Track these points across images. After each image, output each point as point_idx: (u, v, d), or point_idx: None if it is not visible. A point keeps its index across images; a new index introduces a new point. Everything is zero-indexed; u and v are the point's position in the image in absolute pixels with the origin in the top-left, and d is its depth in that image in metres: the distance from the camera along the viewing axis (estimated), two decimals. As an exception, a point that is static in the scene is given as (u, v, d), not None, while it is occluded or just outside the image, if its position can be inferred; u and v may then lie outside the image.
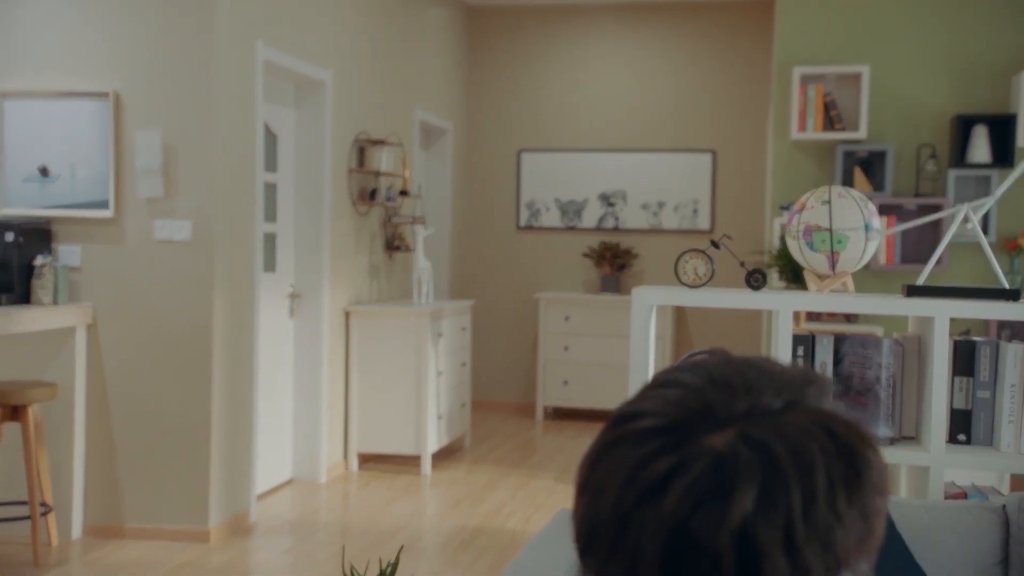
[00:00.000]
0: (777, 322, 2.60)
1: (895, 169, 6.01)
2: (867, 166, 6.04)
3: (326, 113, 5.66)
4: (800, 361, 2.60)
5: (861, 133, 5.94)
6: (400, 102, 6.84)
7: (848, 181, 6.00)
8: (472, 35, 8.35)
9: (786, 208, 5.73)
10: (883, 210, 5.82)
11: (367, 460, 6.26)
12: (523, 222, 8.39)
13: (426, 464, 6.01)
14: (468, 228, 8.44)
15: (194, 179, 4.54)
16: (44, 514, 4.38)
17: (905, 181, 6.01)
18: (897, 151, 6.00)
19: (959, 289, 2.58)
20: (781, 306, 2.58)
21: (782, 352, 2.59)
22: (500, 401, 8.40)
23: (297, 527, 4.91)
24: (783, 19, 6.12)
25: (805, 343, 2.61)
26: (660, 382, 0.72)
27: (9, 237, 4.48)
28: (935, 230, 5.66)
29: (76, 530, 4.60)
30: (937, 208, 5.81)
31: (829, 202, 2.64)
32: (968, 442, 2.57)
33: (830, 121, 6.04)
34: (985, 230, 5.77)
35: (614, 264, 8.09)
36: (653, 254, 8.08)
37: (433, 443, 6.11)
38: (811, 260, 2.67)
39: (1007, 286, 2.61)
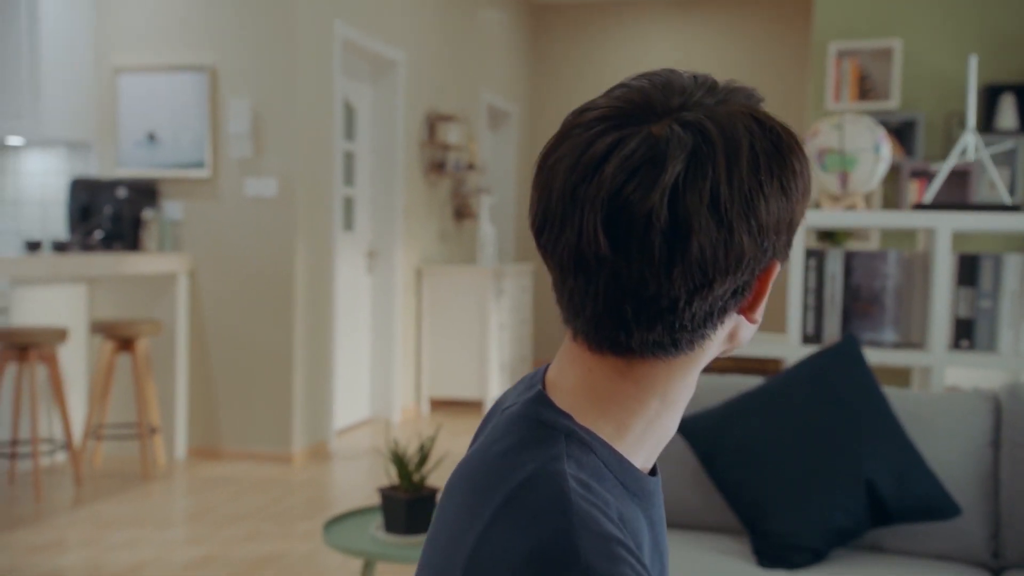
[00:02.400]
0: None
1: (926, 136, 5.87)
2: (900, 134, 5.92)
3: (399, 90, 5.74)
4: (812, 274, 2.59)
5: (894, 103, 5.82)
6: (468, 84, 6.90)
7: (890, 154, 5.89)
8: (536, 29, 8.38)
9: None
10: (915, 174, 5.70)
11: (437, 405, 6.36)
12: (582, 198, 8.40)
13: (488, 408, 6.07)
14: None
15: (279, 143, 4.66)
16: (152, 435, 4.55)
17: (936, 148, 5.87)
18: (928, 119, 5.87)
19: (961, 204, 2.55)
20: (794, 221, 2.57)
21: (795, 265, 2.59)
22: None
23: (370, 454, 5.03)
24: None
25: (817, 256, 2.60)
26: (611, 88, 0.73)
27: (122, 194, 4.66)
28: (963, 187, 5.52)
29: (180, 451, 4.78)
30: (966, 173, 5.67)
31: (841, 127, 2.62)
32: (971, 348, 2.54)
33: (864, 92, 5.94)
34: (1020, 201, 5.62)
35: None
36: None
37: (495, 389, 6.17)
38: (824, 181, 2.66)
39: (1009, 201, 2.56)
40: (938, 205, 2.52)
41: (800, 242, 2.58)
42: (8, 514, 3.84)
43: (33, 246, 4.40)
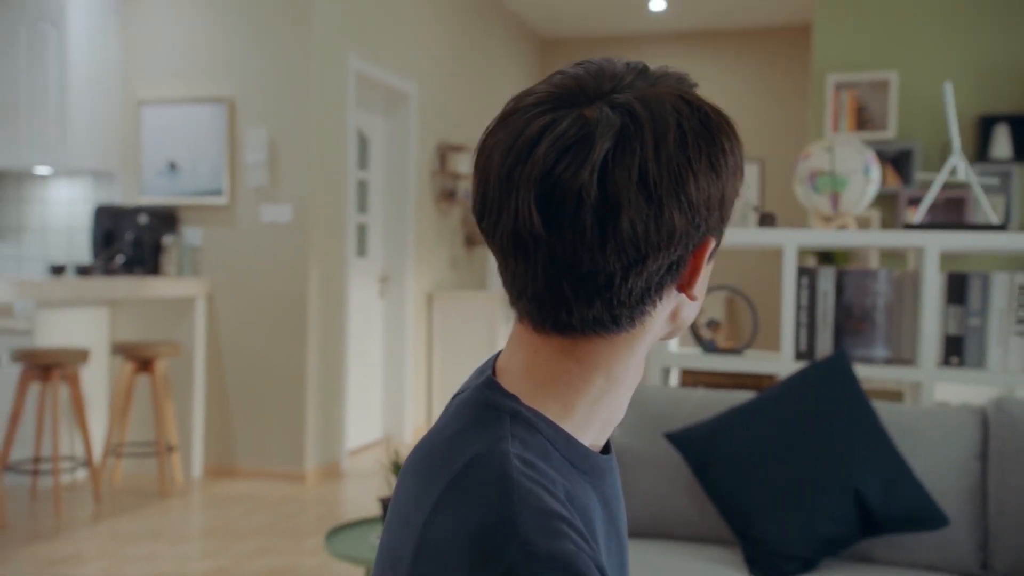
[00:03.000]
0: (784, 256, 2.60)
1: (922, 165, 5.88)
2: (896, 163, 5.93)
3: (411, 121, 5.80)
4: (805, 292, 2.60)
5: (890, 133, 5.84)
6: (478, 116, 6.96)
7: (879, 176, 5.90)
8: (545, 62, 8.46)
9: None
10: (912, 201, 5.71)
11: (448, 426, 6.34)
12: (590, 226, 8.42)
13: (499, 429, 6.06)
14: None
15: (294, 171, 4.71)
16: (170, 453, 4.57)
17: (932, 176, 5.88)
18: (924, 148, 5.88)
19: (949, 224, 2.55)
20: (787, 240, 2.58)
21: (788, 283, 2.59)
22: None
23: (381, 473, 5.01)
24: (819, 34, 6.07)
25: (810, 274, 2.60)
26: (549, 75, 0.73)
27: (143, 220, 4.71)
28: (958, 213, 5.51)
29: (197, 469, 4.79)
30: (962, 200, 5.67)
31: (832, 149, 2.63)
32: (961, 364, 2.54)
33: (862, 123, 5.96)
34: (1006, 222, 5.62)
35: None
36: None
37: (505, 411, 6.16)
38: (816, 202, 2.67)
39: (995, 221, 2.57)
40: (926, 225, 2.52)
41: (792, 261, 2.58)
42: (30, 528, 3.86)
43: (57, 270, 4.45)
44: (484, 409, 0.73)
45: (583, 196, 0.66)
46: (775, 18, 7.59)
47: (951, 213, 5.54)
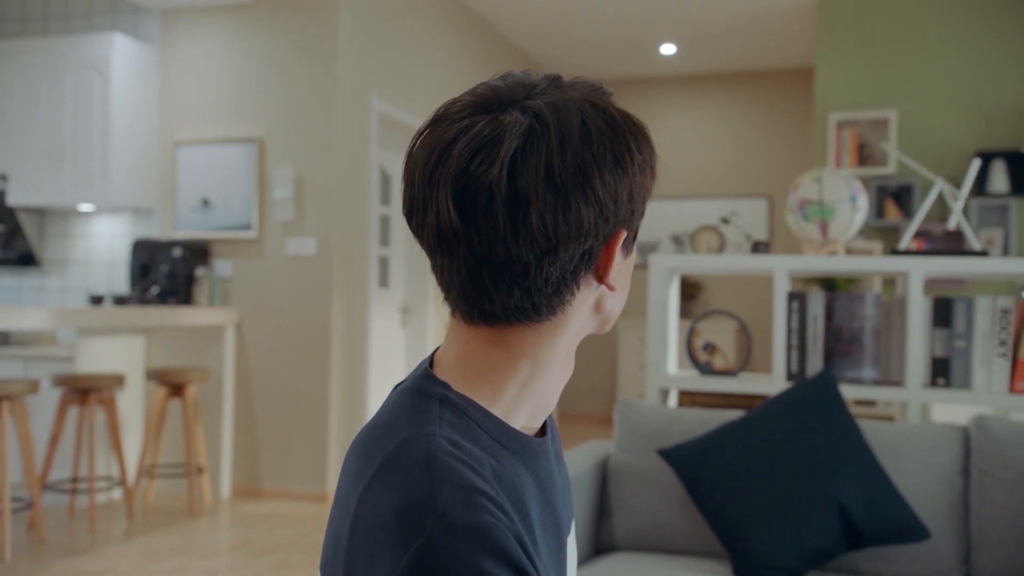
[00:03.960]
0: (775, 280, 2.61)
1: (922, 199, 5.86)
2: (897, 197, 5.92)
3: (432, 159, 5.86)
4: (795, 315, 2.60)
5: (891, 169, 5.84)
6: (497, 155, 7.02)
7: (880, 211, 5.89)
8: (561, 104, 8.53)
9: (825, 234, 5.64)
10: (915, 235, 5.69)
11: (467, 450, 6.34)
12: (605, 260, 8.44)
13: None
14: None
15: (319, 206, 4.79)
16: (199, 474, 4.61)
17: (932, 210, 5.86)
18: (923, 183, 5.86)
19: (933, 250, 2.55)
20: (777, 265, 2.59)
21: (779, 307, 2.60)
22: (585, 412, 8.39)
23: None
24: (821, 75, 6.10)
25: (800, 299, 2.61)
26: (475, 86, 0.76)
27: (177, 253, 4.79)
28: (959, 244, 5.48)
29: (225, 489, 4.82)
30: (960, 234, 5.64)
31: (820, 180, 2.65)
32: (947, 386, 2.52)
33: (863, 159, 5.96)
34: (1006, 249, 5.58)
35: (684, 294, 8.04)
36: (717, 285, 8.02)
37: (522, 436, 6.16)
38: (806, 230, 2.68)
39: (977, 247, 2.57)
40: (910, 251, 2.52)
41: (783, 285, 2.59)
42: (67, 544, 3.90)
43: (96, 300, 4.53)
44: (417, 396, 0.75)
45: (494, 191, 0.68)
46: (779, 61, 7.64)
47: (951, 245, 5.51)
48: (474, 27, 6.49)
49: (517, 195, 0.69)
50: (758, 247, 2.72)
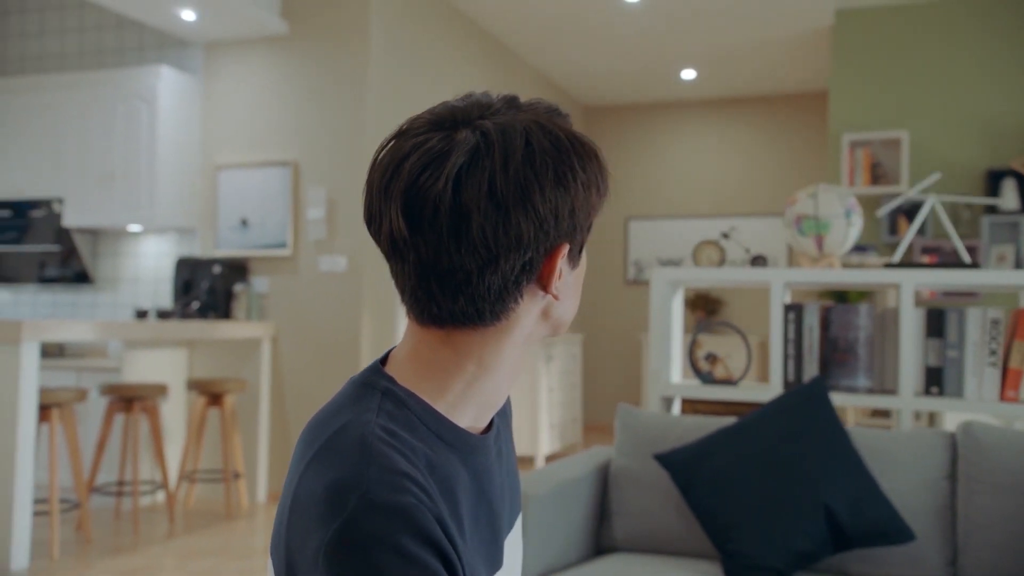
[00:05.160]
0: (772, 292, 2.60)
1: (933, 216, 5.78)
2: (911, 215, 5.85)
3: (459, 181, 5.92)
4: (792, 326, 2.59)
5: (903, 187, 5.77)
6: (523, 177, 7.06)
7: (894, 228, 5.82)
8: (588, 127, 8.57)
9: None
10: (925, 251, 5.62)
11: (494, 459, 6.35)
12: (630, 277, 8.44)
13: (539, 463, 6.06)
14: (587, 280, 8.54)
15: (350, 226, 4.86)
16: (236, 480, 4.68)
17: (943, 226, 5.78)
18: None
19: (925, 264, 2.53)
20: (774, 278, 2.59)
21: (775, 319, 2.59)
22: (609, 423, 8.36)
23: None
24: (835, 96, 6.06)
25: (796, 310, 2.60)
26: (435, 105, 0.79)
27: (217, 270, 4.89)
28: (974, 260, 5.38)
29: (261, 494, 4.89)
30: (973, 249, 5.55)
31: (815, 195, 2.65)
32: (940, 394, 2.50)
33: (876, 178, 5.91)
34: (1017, 261, 5.48)
35: (706, 309, 8.00)
36: (737, 300, 7.97)
37: (546, 447, 6.16)
38: (802, 244, 2.68)
39: (967, 260, 2.54)
40: (902, 264, 2.51)
41: (779, 297, 2.59)
42: (112, 543, 3.98)
43: (141, 314, 4.64)
44: (363, 387, 0.78)
45: (439, 204, 0.71)
46: (795, 85, 7.61)
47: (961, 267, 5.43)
48: (499, 54, 6.56)
49: (460, 208, 0.71)
50: (756, 261, 2.72)
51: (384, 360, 0.82)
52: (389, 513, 0.65)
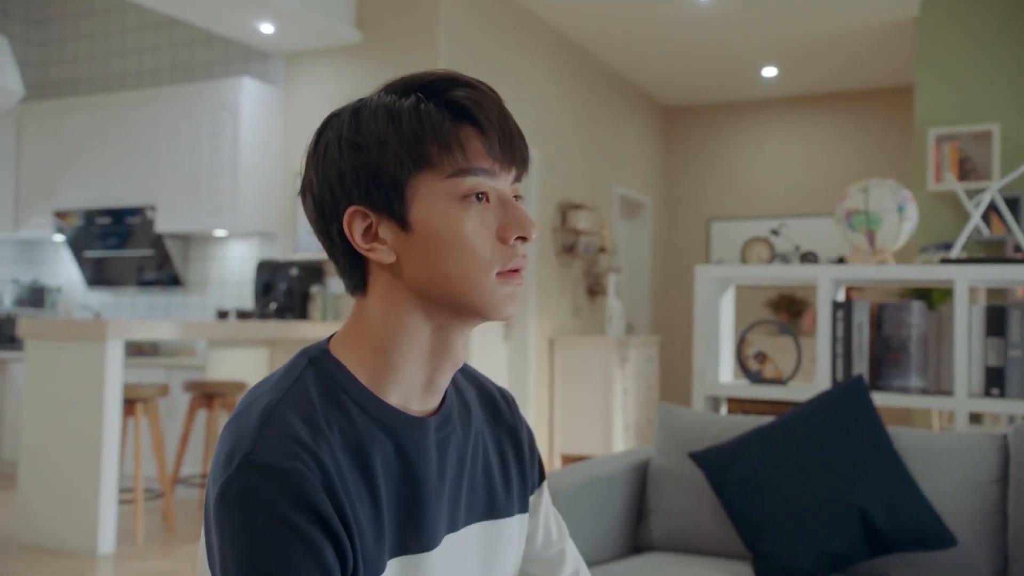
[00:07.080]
0: (819, 289, 2.52)
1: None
2: (1001, 212, 5.53)
3: (533, 182, 5.94)
4: (840, 324, 2.50)
5: (994, 182, 5.47)
6: (600, 177, 7.04)
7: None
8: (668, 128, 8.47)
9: (924, 250, 5.35)
10: (1017, 249, 5.30)
11: (567, 460, 6.34)
12: (711, 278, 8.28)
13: (613, 463, 6.00)
14: (668, 282, 8.42)
15: (421, 227, 4.93)
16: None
17: (1005, 220, 5.45)
18: (1030, 196, 5.46)
19: (980, 258, 2.41)
20: (821, 275, 2.51)
21: (823, 316, 2.50)
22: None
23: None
24: (921, 90, 5.80)
25: (845, 308, 2.51)
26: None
27: (295, 273, 5.05)
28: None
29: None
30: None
31: (867, 189, 2.55)
32: (1002, 395, 2.36)
33: (964, 173, 5.62)
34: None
35: (790, 311, 7.77)
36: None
37: (620, 446, 6.10)
38: (853, 240, 2.58)
39: (1030, 254, 2.40)
40: (958, 260, 2.38)
41: (827, 294, 2.50)
42: (193, 532, 4.15)
43: (222, 315, 4.83)
44: (299, 357, 0.81)
45: (305, 186, 0.80)
46: (877, 80, 7.33)
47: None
48: (572, 55, 6.54)
49: (309, 185, 0.81)
50: (806, 258, 2.63)
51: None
52: (270, 475, 0.68)
